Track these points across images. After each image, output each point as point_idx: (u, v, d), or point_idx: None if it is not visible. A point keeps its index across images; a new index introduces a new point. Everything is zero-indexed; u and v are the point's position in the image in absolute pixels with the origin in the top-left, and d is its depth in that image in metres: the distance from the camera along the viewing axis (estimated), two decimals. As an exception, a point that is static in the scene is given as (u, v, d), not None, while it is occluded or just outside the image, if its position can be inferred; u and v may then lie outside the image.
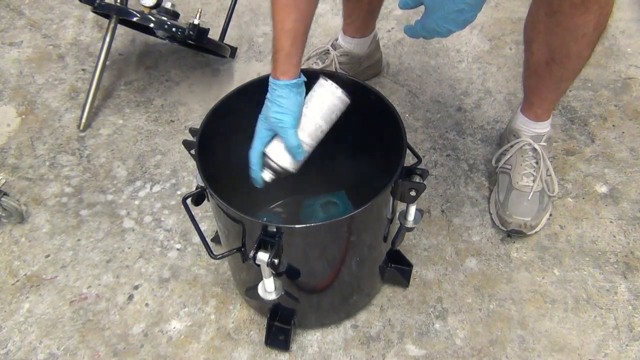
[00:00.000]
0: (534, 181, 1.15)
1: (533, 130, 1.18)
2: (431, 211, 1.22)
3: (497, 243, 1.16)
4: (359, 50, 1.40)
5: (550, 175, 1.18)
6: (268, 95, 0.86)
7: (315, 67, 1.38)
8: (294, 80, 0.85)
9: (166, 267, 1.14)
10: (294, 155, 0.87)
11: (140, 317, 1.07)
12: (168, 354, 1.02)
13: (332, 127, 0.91)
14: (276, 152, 0.87)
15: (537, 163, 1.16)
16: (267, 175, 0.89)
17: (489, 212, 1.21)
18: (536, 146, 1.17)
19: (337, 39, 1.41)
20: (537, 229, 1.15)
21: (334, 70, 1.38)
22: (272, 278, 0.84)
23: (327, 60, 1.38)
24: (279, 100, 0.84)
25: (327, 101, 0.88)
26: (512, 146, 1.19)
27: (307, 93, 0.89)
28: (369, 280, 1.04)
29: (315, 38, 1.63)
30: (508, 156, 1.19)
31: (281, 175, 0.89)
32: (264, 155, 0.88)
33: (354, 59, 1.41)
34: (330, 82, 0.88)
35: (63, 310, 1.09)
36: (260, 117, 0.87)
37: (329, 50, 1.40)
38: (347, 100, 0.89)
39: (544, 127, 1.18)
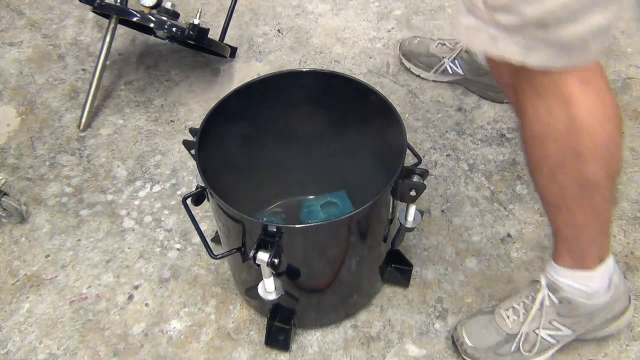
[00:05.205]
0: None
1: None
2: (431, 211, 1.22)
3: (497, 243, 1.16)
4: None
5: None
6: None
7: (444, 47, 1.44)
8: None
9: (166, 267, 1.14)
10: None
11: (140, 317, 1.07)
12: (168, 354, 1.02)
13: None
14: None
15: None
16: None
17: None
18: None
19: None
20: None
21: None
22: (272, 278, 0.84)
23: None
24: None
25: None
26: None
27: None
28: (369, 280, 1.04)
29: (315, 38, 1.62)
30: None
31: None
32: None
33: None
34: None
35: (63, 310, 1.09)
36: None
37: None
38: None
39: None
